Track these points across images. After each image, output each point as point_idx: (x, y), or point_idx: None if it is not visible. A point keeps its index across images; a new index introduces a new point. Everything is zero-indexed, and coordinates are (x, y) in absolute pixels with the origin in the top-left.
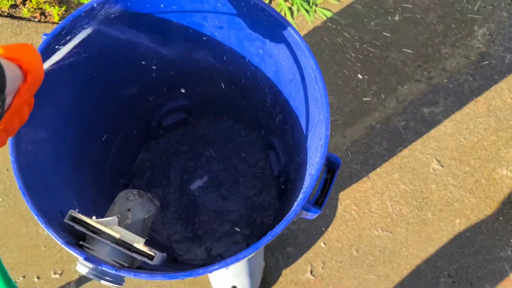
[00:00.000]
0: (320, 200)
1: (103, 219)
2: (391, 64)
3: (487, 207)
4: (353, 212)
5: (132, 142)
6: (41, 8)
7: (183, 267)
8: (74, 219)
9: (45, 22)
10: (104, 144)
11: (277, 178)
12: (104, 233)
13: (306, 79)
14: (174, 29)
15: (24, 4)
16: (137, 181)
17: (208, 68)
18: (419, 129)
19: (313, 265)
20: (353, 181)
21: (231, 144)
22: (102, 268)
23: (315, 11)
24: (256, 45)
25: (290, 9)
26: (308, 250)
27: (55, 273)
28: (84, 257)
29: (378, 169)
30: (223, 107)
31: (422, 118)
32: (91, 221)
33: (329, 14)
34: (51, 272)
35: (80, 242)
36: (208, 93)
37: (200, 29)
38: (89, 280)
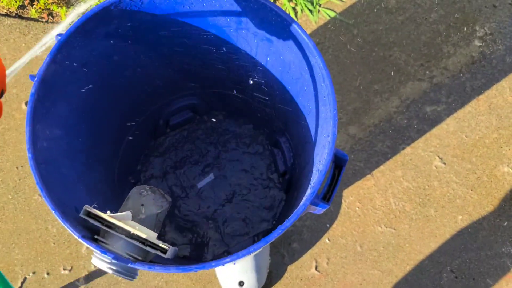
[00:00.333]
0: (327, 195)
1: (117, 214)
2: (393, 63)
3: (489, 203)
4: (357, 208)
5: (140, 140)
6: (48, 9)
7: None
8: (89, 214)
9: (52, 22)
10: (114, 142)
11: (282, 175)
12: (118, 227)
13: (313, 78)
14: (182, 29)
15: (32, 5)
16: (145, 179)
17: (216, 67)
18: (421, 127)
19: (318, 261)
20: (357, 178)
21: (237, 142)
22: (117, 261)
23: (318, 11)
24: (264, 44)
25: (294, 9)
26: (313, 246)
27: (64, 269)
28: (100, 250)
29: (382, 167)
30: (229, 105)
31: (425, 116)
32: (106, 216)
33: (332, 14)
34: (60, 268)
35: (95, 236)
36: (215, 92)
37: (208, 29)
38: (98, 276)
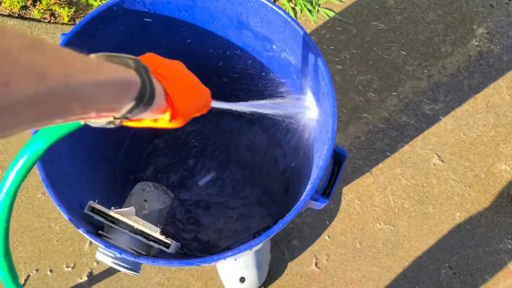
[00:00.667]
0: (327, 190)
1: (121, 209)
2: (392, 63)
3: (487, 200)
4: (356, 206)
5: (141, 138)
6: (51, 9)
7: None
8: (94, 210)
9: (55, 23)
10: (117, 140)
11: (282, 172)
12: (122, 222)
13: (313, 76)
14: (183, 28)
15: (34, 6)
16: (146, 177)
17: (216, 65)
18: (420, 126)
19: (318, 257)
20: (356, 176)
21: (238, 140)
22: (122, 255)
23: (318, 11)
24: (264, 43)
25: (293, 9)
26: (312, 243)
27: (67, 267)
28: (104, 245)
29: (380, 164)
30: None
31: (423, 114)
32: (110, 211)
33: (331, 14)
34: (63, 266)
35: (99, 232)
36: (215, 91)
37: (209, 28)
38: (101, 273)
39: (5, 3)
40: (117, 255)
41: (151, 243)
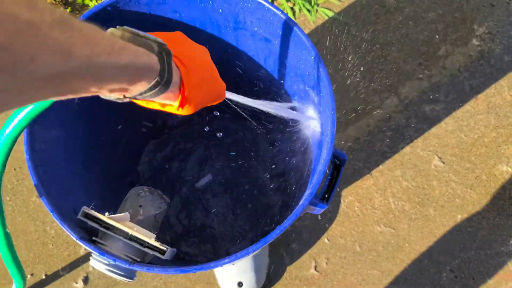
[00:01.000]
0: (326, 195)
1: (116, 215)
2: (392, 63)
3: (488, 202)
4: (356, 208)
5: (138, 141)
6: None
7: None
8: (87, 216)
9: None
10: (112, 143)
11: (281, 175)
12: (117, 228)
13: (311, 77)
14: (179, 28)
15: None
16: (143, 179)
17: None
18: (420, 127)
19: (317, 261)
20: (356, 178)
21: (236, 142)
22: (116, 262)
23: (316, 10)
24: (261, 44)
25: (292, 9)
26: (312, 246)
27: (62, 271)
28: (98, 252)
29: (381, 166)
30: (227, 105)
31: (423, 115)
32: (104, 217)
33: (330, 14)
34: (59, 270)
35: (93, 238)
36: None
37: (206, 29)
38: (97, 277)
39: None
40: (111, 262)
41: (146, 249)
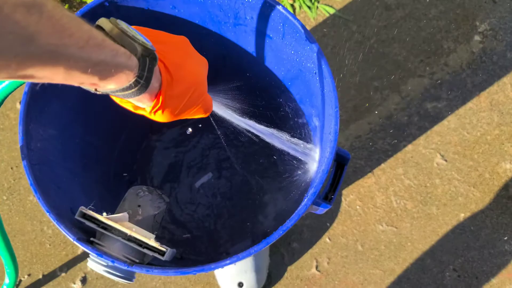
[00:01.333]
0: (329, 195)
1: (114, 215)
2: (393, 60)
3: (491, 201)
4: (357, 207)
5: (136, 139)
6: None
7: (189, 264)
8: (85, 216)
9: None
10: (110, 141)
11: (283, 173)
12: (115, 229)
13: (313, 75)
14: (181, 25)
15: None
16: (141, 178)
17: (215, 64)
18: (422, 124)
19: (319, 260)
20: (357, 176)
21: (236, 139)
22: (114, 264)
23: (317, 7)
24: (262, 40)
25: (292, 5)
26: (313, 245)
27: (60, 271)
28: (96, 253)
29: (382, 164)
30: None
31: (425, 113)
32: (102, 218)
33: (331, 11)
34: (56, 270)
35: (91, 239)
36: (213, 89)
37: (206, 25)
38: (95, 277)
39: None
40: (109, 264)
41: (145, 250)
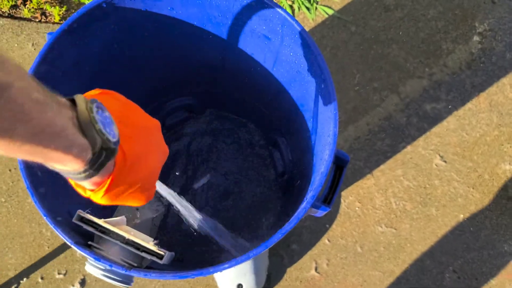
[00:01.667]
0: (328, 197)
1: (112, 219)
2: (392, 61)
3: (491, 202)
4: (357, 208)
5: None
6: (41, 8)
7: (188, 266)
8: (82, 219)
9: (45, 22)
10: None
11: (281, 175)
12: (113, 232)
13: (312, 76)
14: (179, 26)
15: (24, 5)
16: None
17: (212, 65)
18: (421, 125)
19: (318, 262)
20: (356, 177)
21: (235, 142)
22: (112, 268)
23: (316, 8)
24: (261, 42)
25: (291, 6)
26: (312, 247)
27: (59, 273)
28: (93, 257)
29: (381, 166)
30: (226, 105)
31: (424, 114)
32: (100, 221)
33: (330, 12)
34: (55, 273)
35: (89, 242)
36: (212, 92)
37: (204, 26)
38: (94, 280)
39: None
40: (107, 268)
41: (143, 254)
